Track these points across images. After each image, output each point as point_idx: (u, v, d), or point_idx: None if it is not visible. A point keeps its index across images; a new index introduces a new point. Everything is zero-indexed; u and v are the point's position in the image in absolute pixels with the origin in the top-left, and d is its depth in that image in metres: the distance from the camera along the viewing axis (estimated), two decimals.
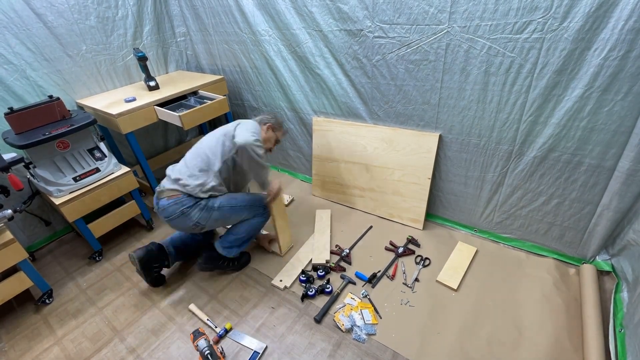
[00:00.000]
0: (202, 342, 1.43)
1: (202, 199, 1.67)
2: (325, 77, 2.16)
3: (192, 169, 1.70)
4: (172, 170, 1.76)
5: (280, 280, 1.84)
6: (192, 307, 1.75)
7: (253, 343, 1.56)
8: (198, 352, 1.43)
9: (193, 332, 1.49)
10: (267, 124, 1.91)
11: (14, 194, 1.98)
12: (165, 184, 1.72)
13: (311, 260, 1.96)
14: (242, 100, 2.82)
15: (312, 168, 2.52)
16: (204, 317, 1.68)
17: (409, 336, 1.53)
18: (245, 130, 1.69)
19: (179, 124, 2.09)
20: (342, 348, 1.51)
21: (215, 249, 1.85)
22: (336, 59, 2.06)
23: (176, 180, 1.68)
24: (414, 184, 2.05)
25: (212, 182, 1.69)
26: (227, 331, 1.62)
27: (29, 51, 2.04)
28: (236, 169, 1.78)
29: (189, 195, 1.66)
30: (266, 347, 1.54)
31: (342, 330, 1.57)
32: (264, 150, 1.73)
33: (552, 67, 1.43)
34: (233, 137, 1.70)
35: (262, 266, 1.98)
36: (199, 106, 2.22)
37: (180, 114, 2.07)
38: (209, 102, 2.29)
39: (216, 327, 1.64)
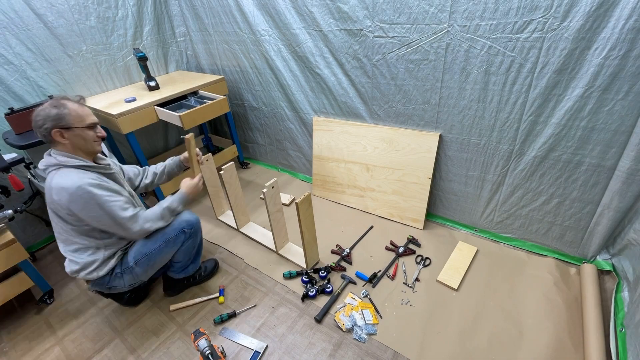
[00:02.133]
0: (202, 342, 1.43)
1: (109, 272, 1.45)
2: (325, 76, 2.16)
3: (69, 259, 1.45)
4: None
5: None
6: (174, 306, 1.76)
7: (253, 343, 1.56)
8: (199, 352, 1.43)
9: (194, 332, 1.49)
10: (51, 132, 1.27)
11: (14, 194, 1.99)
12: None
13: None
14: (242, 100, 2.82)
15: (312, 168, 2.52)
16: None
17: (410, 336, 1.53)
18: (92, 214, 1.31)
19: (179, 123, 2.09)
20: (342, 348, 1.51)
21: (172, 277, 1.77)
22: (336, 58, 2.06)
23: (73, 274, 1.46)
24: (414, 183, 2.05)
25: (94, 257, 1.42)
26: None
27: (29, 51, 2.04)
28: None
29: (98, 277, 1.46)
30: (267, 347, 1.54)
31: (342, 330, 1.57)
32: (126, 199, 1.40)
33: (552, 66, 1.43)
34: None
35: (262, 266, 1.98)
36: (199, 106, 2.22)
37: (181, 113, 2.07)
38: (209, 102, 2.29)
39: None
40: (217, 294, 1.79)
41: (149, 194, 2.62)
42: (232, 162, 2.02)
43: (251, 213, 2.39)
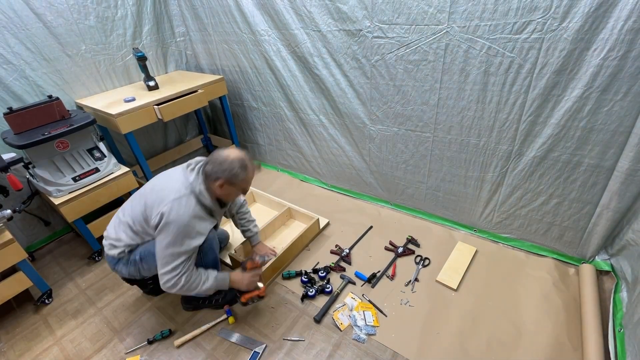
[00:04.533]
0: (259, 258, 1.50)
1: (121, 256, 1.49)
2: (324, 77, 2.16)
3: (117, 225, 1.52)
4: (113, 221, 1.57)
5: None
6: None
7: (253, 343, 1.56)
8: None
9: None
10: (219, 180, 1.37)
11: (13, 194, 1.98)
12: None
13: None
14: (242, 100, 2.82)
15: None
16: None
17: (409, 336, 1.53)
18: (163, 256, 1.36)
19: (159, 115, 2.13)
20: (341, 348, 1.51)
21: None
22: (334, 59, 2.06)
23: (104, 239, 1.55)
24: None
25: (131, 242, 1.48)
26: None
27: (28, 51, 2.04)
28: None
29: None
30: (266, 347, 1.54)
31: (340, 330, 1.57)
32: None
33: (551, 67, 1.44)
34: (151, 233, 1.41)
35: None
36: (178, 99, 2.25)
37: (159, 106, 2.11)
38: (190, 95, 2.32)
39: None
40: (225, 315, 1.69)
41: None
42: None
43: None
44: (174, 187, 1.38)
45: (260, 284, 1.57)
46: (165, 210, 1.32)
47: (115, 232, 1.51)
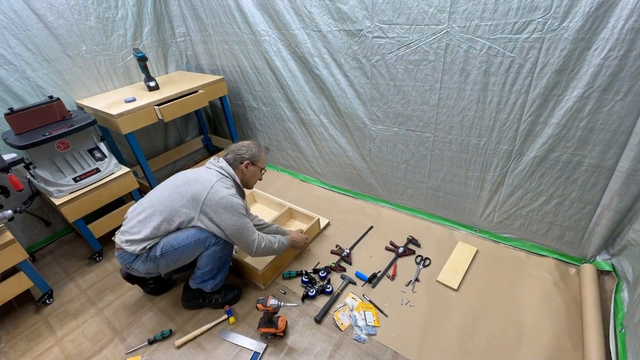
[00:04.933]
0: (273, 301, 1.47)
1: (141, 252, 1.49)
2: (324, 77, 2.16)
3: (134, 226, 1.51)
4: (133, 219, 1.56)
5: None
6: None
7: (253, 344, 1.56)
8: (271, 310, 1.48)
9: (260, 301, 1.48)
10: (244, 162, 1.64)
11: (14, 194, 1.99)
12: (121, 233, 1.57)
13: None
14: (242, 100, 2.82)
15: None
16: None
17: (409, 336, 1.53)
18: (231, 220, 1.50)
19: (159, 116, 2.13)
20: (342, 348, 1.51)
21: (190, 287, 1.71)
22: (335, 59, 2.06)
23: (121, 236, 1.54)
24: None
25: (152, 241, 1.50)
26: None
27: (29, 52, 2.04)
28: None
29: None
30: (266, 347, 1.54)
31: (341, 330, 1.57)
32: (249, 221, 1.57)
33: (552, 67, 1.43)
34: (206, 215, 1.50)
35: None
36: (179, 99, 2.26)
37: (160, 106, 2.12)
38: (190, 95, 2.32)
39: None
40: (226, 316, 1.68)
41: None
42: None
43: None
44: (211, 174, 1.55)
45: (282, 323, 1.56)
46: (213, 192, 1.48)
47: (141, 227, 1.49)
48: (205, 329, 1.63)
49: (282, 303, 1.49)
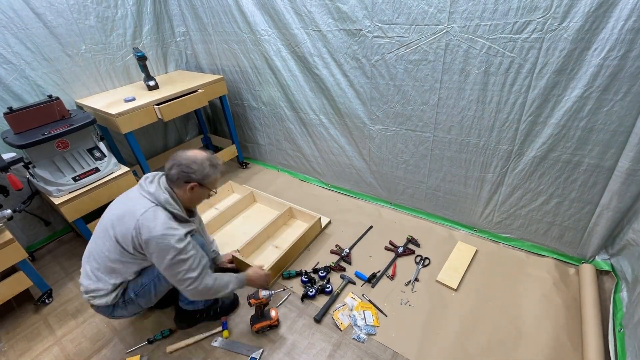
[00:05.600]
0: (265, 292, 1.45)
1: (115, 301, 1.37)
2: (324, 77, 2.16)
3: (90, 275, 1.36)
4: (82, 270, 1.41)
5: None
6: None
7: (250, 350, 1.54)
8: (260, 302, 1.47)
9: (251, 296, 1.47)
10: (191, 183, 1.33)
11: (13, 193, 1.98)
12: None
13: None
14: (242, 100, 2.82)
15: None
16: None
17: (409, 336, 1.53)
18: (167, 267, 1.26)
19: (159, 115, 2.13)
20: (341, 348, 1.51)
21: (181, 308, 1.60)
22: (335, 59, 2.06)
23: (82, 292, 1.39)
24: None
25: (105, 284, 1.34)
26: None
27: (28, 51, 2.04)
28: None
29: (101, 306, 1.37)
30: (263, 351, 1.53)
31: (340, 330, 1.57)
32: (201, 269, 1.32)
33: (551, 67, 1.44)
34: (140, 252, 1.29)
35: None
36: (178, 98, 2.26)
37: (160, 105, 2.12)
38: (190, 94, 2.32)
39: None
40: (220, 328, 1.61)
41: None
42: None
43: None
44: (135, 206, 1.27)
45: (274, 313, 1.55)
46: (136, 232, 1.23)
47: (96, 281, 1.35)
48: (198, 339, 1.58)
49: (273, 291, 1.47)
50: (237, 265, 1.88)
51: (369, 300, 1.70)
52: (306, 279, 1.81)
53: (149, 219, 1.24)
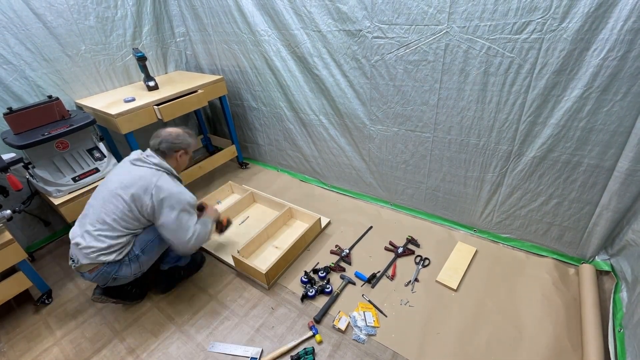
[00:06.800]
0: (217, 206, 1.63)
1: (120, 258, 1.53)
2: (324, 77, 2.16)
3: (96, 236, 1.49)
4: (80, 237, 1.52)
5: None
6: None
7: (248, 350, 1.53)
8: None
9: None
10: (179, 151, 1.67)
11: (13, 194, 1.98)
12: (79, 256, 1.51)
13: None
14: (242, 100, 2.82)
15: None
16: None
17: (409, 336, 1.53)
18: (176, 223, 1.53)
19: (158, 115, 2.14)
20: (341, 348, 1.51)
21: (163, 270, 1.81)
22: (334, 59, 2.06)
23: (87, 254, 1.49)
24: None
25: (120, 240, 1.53)
26: None
27: (28, 51, 2.04)
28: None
29: (109, 262, 1.51)
30: (262, 351, 1.53)
31: (340, 330, 1.57)
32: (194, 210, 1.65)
33: (551, 67, 1.44)
34: (153, 213, 1.53)
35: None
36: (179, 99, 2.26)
37: (159, 106, 2.12)
38: (189, 95, 2.33)
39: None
40: (312, 333, 1.56)
41: None
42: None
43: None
44: (147, 173, 1.55)
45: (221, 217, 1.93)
46: (155, 191, 1.50)
47: (104, 239, 1.49)
48: (289, 347, 1.51)
49: (219, 200, 1.76)
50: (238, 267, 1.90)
51: (369, 301, 1.70)
52: (306, 279, 1.81)
53: (165, 181, 1.55)
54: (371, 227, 2.19)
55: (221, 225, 1.94)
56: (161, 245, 1.65)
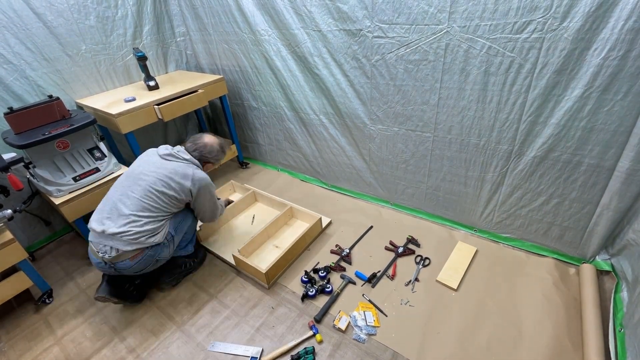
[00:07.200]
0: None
1: (160, 239, 1.64)
2: (324, 77, 2.16)
3: (141, 223, 1.57)
4: (119, 226, 1.54)
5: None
6: None
7: (248, 350, 1.53)
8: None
9: None
10: (208, 163, 1.87)
11: (13, 194, 1.98)
12: (118, 245, 1.53)
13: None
14: (242, 100, 2.82)
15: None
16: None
17: (409, 336, 1.53)
18: (208, 210, 1.84)
19: (159, 115, 2.14)
20: (341, 348, 1.51)
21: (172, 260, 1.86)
22: (335, 59, 2.06)
23: (133, 240, 1.54)
24: None
25: (161, 223, 1.65)
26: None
27: (28, 51, 2.04)
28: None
29: (152, 246, 1.61)
30: (262, 351, 1.53)
31: (341, 330, 1.57)
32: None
33: (551, 67, 1.43)
34: (192, 202, 1.76)
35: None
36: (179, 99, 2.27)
37: (160, 105, 2.12)
38: (190, 94, 2.33)
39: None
40: (312, 333, 1.57)
41: None
42: None
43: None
44: (182, 165, 1.71)
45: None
46: (196, 179, 1.70)
47: (146, 225, 1.59)
48: (289, 347, 1.52)
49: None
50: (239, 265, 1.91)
51: (369, 301, 1.70)
52: (306, 279, 1.81)
53: (199, 172, 1.74)
54: (371, 227, 2.19)
55: (226, 203, 2.26)
56: (187, 225, 1.82)
